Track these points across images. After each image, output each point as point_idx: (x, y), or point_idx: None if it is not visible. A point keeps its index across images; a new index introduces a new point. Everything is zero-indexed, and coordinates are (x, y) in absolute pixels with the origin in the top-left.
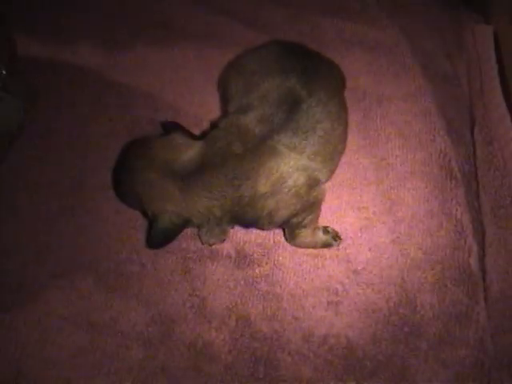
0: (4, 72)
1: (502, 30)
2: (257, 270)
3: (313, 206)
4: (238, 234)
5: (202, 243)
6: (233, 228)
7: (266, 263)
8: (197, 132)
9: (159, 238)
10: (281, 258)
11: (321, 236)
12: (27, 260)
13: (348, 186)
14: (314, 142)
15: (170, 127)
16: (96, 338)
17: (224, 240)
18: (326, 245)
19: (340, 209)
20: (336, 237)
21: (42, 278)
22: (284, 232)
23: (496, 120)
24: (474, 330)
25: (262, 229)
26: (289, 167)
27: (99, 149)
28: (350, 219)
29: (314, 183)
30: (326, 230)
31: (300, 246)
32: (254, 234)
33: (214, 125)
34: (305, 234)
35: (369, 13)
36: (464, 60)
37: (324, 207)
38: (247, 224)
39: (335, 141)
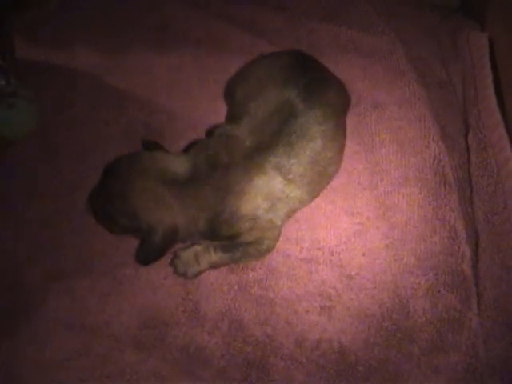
0: (13, 81)
1: (497, 36)
2: (250, 275)
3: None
4: None
5: (178, 274)
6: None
7: (260, 268)
8: (193, 136)
9: (156, 251)
10: (274, 263)
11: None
12: (21, 262)
13: (342, 191)
14: (303, 161)
15: (150, 145)
16: (89, 340)
17: (200, 272)
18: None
19: (334, 214)
20: None
21: (36, 281)
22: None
23: (490, 127)
24: (467, 336)
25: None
26: (273, 193)
27: (95, 151)
28: (344, 224)
29: (292, 214)
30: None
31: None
32: None
33: (208, 133)
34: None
35: (365, 19)
36: (459, 66)
37: (318, 212)
38: (218, 239)
39: (325, 163)
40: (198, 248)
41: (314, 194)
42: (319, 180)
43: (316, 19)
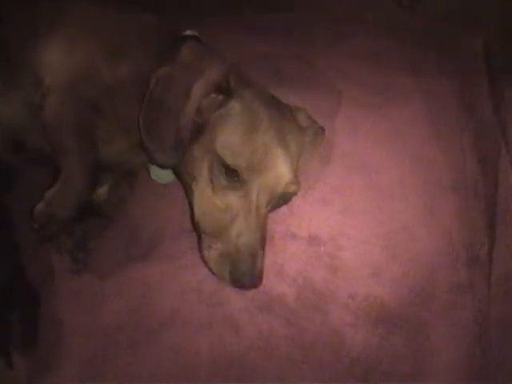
0: None
1: (494, 41)
2: None
3: None
4: None
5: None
6: None
7: None
8: None
9: None
10: (270, 263)
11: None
12: (18, 261)
13: (338, 192)
14: None
15: None
16: (84, 341)
17: None
18: None
19: (329, 215)
20: None
21: (33, 279)
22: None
23: (485, 129)
24: (463, 337)
25: None
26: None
27: None
28: (340, 226)
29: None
30: None
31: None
32: None
33: None
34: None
35: (364, 25)
36: (454, 71)
37: (312, 214)
38: None
39: None
40: None
41: None
42: None
43: (315, 24)
